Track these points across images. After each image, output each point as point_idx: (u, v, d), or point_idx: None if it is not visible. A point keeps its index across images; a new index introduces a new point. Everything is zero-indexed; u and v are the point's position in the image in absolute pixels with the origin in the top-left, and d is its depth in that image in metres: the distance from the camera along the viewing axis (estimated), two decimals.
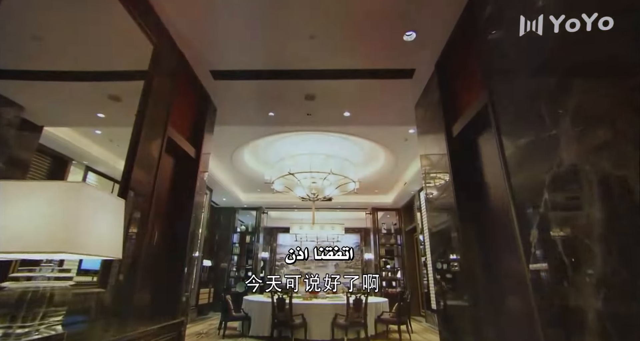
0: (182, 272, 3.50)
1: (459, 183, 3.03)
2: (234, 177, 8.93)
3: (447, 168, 3.16)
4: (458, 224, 2.92)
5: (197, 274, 8.03)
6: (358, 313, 5.21)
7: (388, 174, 8.60)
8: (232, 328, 6.63)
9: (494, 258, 2.72)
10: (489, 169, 2.87)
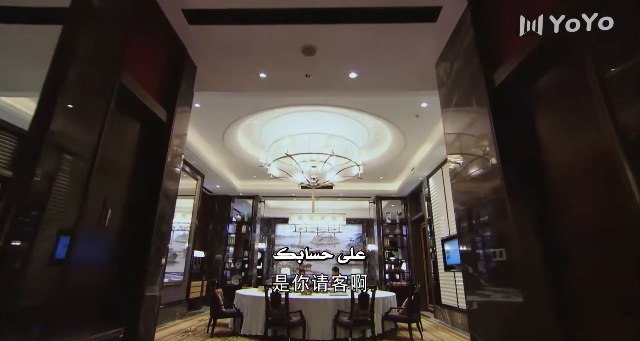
0: (145, 263, 2.75)
1: (507, 148, 2.27)
2: (227, 161, 8.16)
3: (487, 129, 2.40)
4: (507, 203, 2.15)
5: (188, 266, 7.32)
6: (364, 310, 4.50)
7: (394, 159, 7.83)
8: (223, 324, 5.93)
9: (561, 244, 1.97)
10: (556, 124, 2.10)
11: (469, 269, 2.78)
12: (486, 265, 2.47)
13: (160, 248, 3.07)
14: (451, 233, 6.49)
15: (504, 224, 2.20)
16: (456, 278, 6.25)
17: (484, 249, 2.51)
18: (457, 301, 6.12)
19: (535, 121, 2.25)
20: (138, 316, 2.57)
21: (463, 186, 2.90)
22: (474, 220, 2.71)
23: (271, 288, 4.52)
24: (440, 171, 7.13)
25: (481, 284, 2.53)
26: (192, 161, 7.19)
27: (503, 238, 2.22)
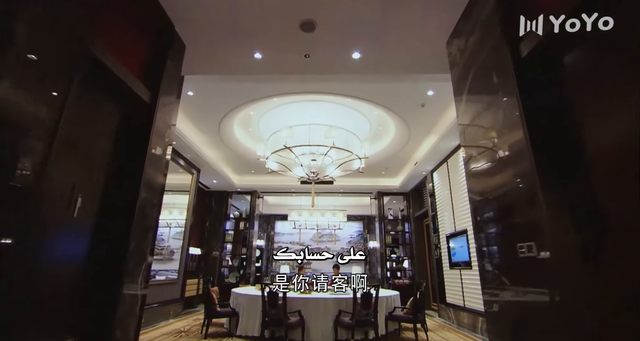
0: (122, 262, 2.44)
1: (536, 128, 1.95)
2: (224, 155, 7.85)
3: (513, 106, 2.08)
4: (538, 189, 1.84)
5: (183, 263, 7.02)
6: (367, 310, 4.20)
7: (397, 153, 7.52)
8: (219, 324, 5.64)
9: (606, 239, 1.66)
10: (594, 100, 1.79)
11: (487, 266, 2.48)
12: (509, 261, 2.16)
13: (143, 244, 2.76)
14: (457, 229, 6.19)
15: (533, 214, 1.90)
16: (462, 276, 5.96)
17: (507, 243, 2.20)
18: (464, 300, 5.83)
19: (568, 97, 1.94)
20: (112, 319, 2.27)
21: (481, 172, 2.58)
22: (493, 211, 2.40)
23: (268, 286, 4.21)
24: (445, 164, 6.81)
25: (503, 283, 2.22)
26: (187, 155, 6.88)
27: (532, 230, 1.91)
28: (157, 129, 2.87)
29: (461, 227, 6.00)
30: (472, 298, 5.47)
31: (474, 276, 5.46)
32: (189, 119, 5.97)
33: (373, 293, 4.25)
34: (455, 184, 6.27)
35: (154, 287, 5.78)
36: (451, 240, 6.49)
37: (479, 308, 5.17)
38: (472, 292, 5.51)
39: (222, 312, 4.98)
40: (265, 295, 4.22)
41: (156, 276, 6.68)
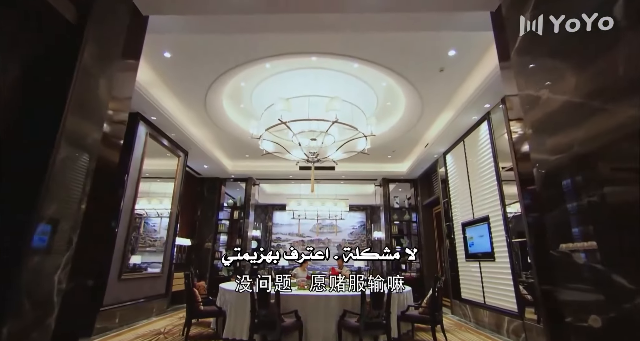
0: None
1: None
2: (215, 136, 7.05)
3: None
4: None
5: (168, 255, 6.28)
6: (378, 310, 3.45)
7: (406, 133, 6.72)
8: (205, 324, 4.92)
9: None
10: None
11: (579, 256, 1.69)
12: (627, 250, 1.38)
13: (65, 228, 1.96)
14: (476, 216, 5.43)
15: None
16: (482, 269, 5.21)
17: (622, 220, 1.42)
18: (484, 296, 5.09)
19: None
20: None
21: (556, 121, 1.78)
22: (580, 176, 1.61)
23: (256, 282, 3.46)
24: (461, 144, 6.02)
25: (614, 283, 1.44)
26: (171, 134, 6.08)
27: None
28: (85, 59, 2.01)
29: (481, 214, 5.24)
30: (496, 294, 4.73)
31: (497, 269, 4.72)
32: (169, 89, 5.16)
33: (385, 290, 3.50)
34: (474, 165, 5.49)
35: (132, 282, 5.04)
36: (468, 229, 5.74)
37: (506, 307, 4.43)
38: (495, 287, 4.76)
39: (206, 311, 4.25)
40: (253, 292, 3.46)
41: (148, 268, 5.96)
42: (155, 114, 5.23)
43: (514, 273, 4.28)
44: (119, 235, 4.67)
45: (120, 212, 4.70)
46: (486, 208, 5.09)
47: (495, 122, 4.86)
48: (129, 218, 4.95)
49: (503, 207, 4.57)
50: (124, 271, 4.80)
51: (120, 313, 4.67)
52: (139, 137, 5.18)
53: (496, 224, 4.78)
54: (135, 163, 5.11)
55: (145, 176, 6.69)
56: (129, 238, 4.89)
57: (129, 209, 4.94)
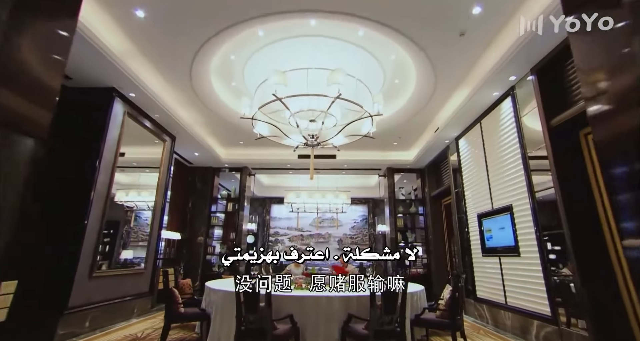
0: None
1: None
2: (205, 119, 6.41)
3: None
4: None
5: (153, 250, 5.67)
6: (390, 314, 2.84)
7: (415, 115, 6.08)
8: (191, 327, 4.32)
9: None
10: None
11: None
12: None
13: None
14: (495, 206, 4.81)
15: None
16: (503, 265, 4.60)
17: None
18: (505, 296, 4.49)
19: None
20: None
21: None
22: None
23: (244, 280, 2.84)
24: (477, 127, 5.38)
25: None
26: (154, 114, 5.44)
27: None
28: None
29: (502, 203, 4.62)
30: (521, 294, 4.12)
31: (523, 265, 4.10)
32: (149, 62, 4.51)
33: (399, 290, 2.88)
34: (494, 149, 4.85)
35: (107, 279, 4.44)
36: (485, 221, 5.12)
37: (535, 309, 3.82)
38: (520, 286, 4.16)
39: (187, 314, 3.63)
40: (240, 293, 2.85)
41: (141, 263, 5.37)
42: (133, 90, 4.58)
43: (546, 271, 3.67)
44: (89, 227, 4.05)
45: (91, 202, 4.07)
46: (509, 197, 4.47)
47: (521, 97, 4.21)
48: (103, 208, 4.33)
49: (531, 195, 3.94)
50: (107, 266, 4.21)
51: (91, 316, 4.07)
52: (115, 116, 4.54)
53: (521, 214, 4.16)
54: (111, 146, 4.47)
55: (133, 166, 6.12)
56: (102, 230, 4.27)
57: (101, 198, 4.32)
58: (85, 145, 4.23)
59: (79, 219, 3.97)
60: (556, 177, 3.42)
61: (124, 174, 6.09)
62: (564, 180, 3.37)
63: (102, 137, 4.29)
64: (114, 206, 5.46)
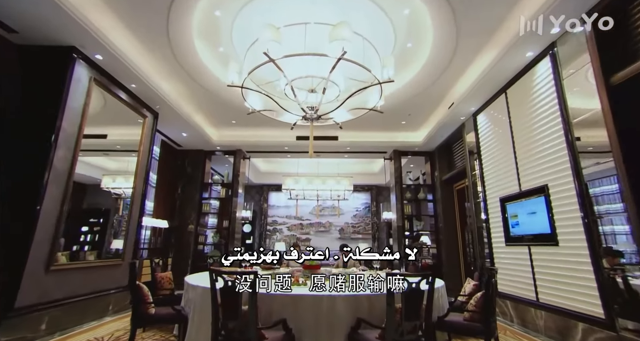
0: None
1: None
2: (191, 93, 5.65)
3: None
4: None
5: (132, 239, 4.99)
6: (413, 321, 2.16)
7: (428, 87, 5.33)
8: (169, 328, 3.66)
9: None
10: None
11: None
12: None
13: None
14: (524, 188, 4.11)
15: None
16: (533, 256, 3.93)
17: None
18: (536, 291, 3.83)
19: None
20: None
21: None
22: None
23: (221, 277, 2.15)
24: (502, 98, 4.63)
25: None
26: (130, 84, 4.68)
27: None
28: None
29: (533, 184, 3.91)
30: (559, 290, 3.45)
31: (563, 256, 3.43)
32: (116, 16, 3.74)
33: (424, 289, 2.20)
34: (523, 121, 4.12)
35: (70, 273, 3.77)
36: (510, 205, 4.42)
37: (581, 309, 3.15)
38: (558, 281, 3.48)
39: (158, 316, 2.96)
40: (216, 291, 2.17)
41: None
42: (99, 50, 3.82)
43: (597, 263, 2.98)
44: (44, 213, 3.35)
45: (45, 183, 3.36)
46: (542, 177, 3.76)
47: (563, 56, 3.46)
48: (64, 190, 3.62)
49: (576, 173, 3.23)
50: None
51: (50, 316, 3.41)
52: (77, 82, 3.79)
53: (561, 196, 3.46)
54: (72, 117, 3.74)
55: (117, 149, 5.41)
56: (63, 216, 3.58)
57: (63, 176, 3.61)
58: (39, 115, 3.50)
59: (30, 203, 3.27)
60: (619, 152, 2.70)
61: (111, 160, 5.41)
62: (631, 155, 2.65)
63: (60, 106, 3.55)
64: (100, 193, 4.83)
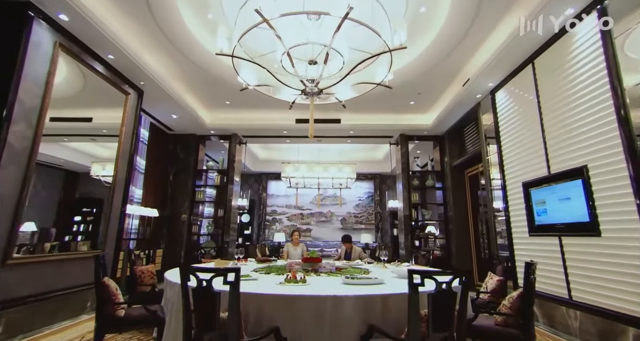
0: None
1: None
2: (179, 68, 5.08)
3: None
4: None
5: (115, 230, 4.49)
6: (443, 332, 1.66)
7: (440, 62, 4.76)
8: (147, 332, 3.18)
9: None
10: None
11: None
12: None
13: None
14: (555, 170, 3.57)
15: None
16: (565, 248, 3.42)
17: None
18: (568, 288, 3.32)
19: None
20: None
21: None
22: None
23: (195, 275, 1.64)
24: (528, 70, 4.05)
25: None
26: (107, 54, 4.11)
27: None
28: None
29: (567, 165, 3.37)
30: (600, 288, 2.94)
31: (604, 249, 2.91)
32: None
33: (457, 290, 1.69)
34: (556, 95, 3.55)
35: (37, 267, 3.28)
36: (536, 191, 3.89)
37: (627, 310, 2.65)
38: (598, 277, 2.97)
39: (130, 319, 2.46)
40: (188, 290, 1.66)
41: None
42: (63, 9, 3.25)
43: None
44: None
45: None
46: (579, 157, 3.22)
47: (614, 11, 2.87)
48: (25, 170, 3.10)
49: (630, 151, 2.68)
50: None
51: (8, 318, 2.93)
52: (37, 46, 3.22)
53: (605, 179, 2.92)
54: (32, 87, 3.19)
55: (103, 134, 4.88)
56: (23, 199, 3.06)
57: (22, 156, 3.08)
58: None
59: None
60: None
61: (101, 146, 4.91)
62: None
63: (14, 74, 2.99)
64: (93, 181, 4.42)
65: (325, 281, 2.69)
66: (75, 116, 4.49)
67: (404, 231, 6.61)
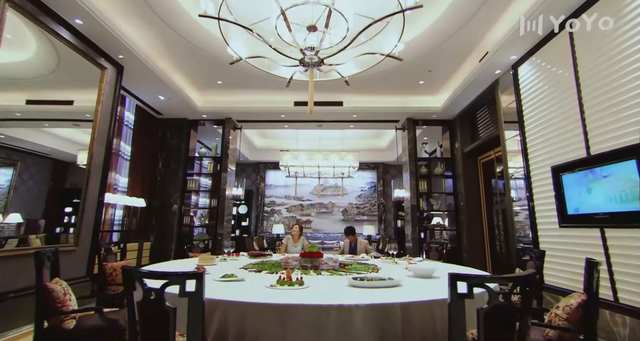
0: None
1: None
2: (163, 42, 4.49)
3: None
4: None
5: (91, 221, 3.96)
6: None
7: (456, 33, 4.18)
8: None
9: None
10: None
11: None
12: None
13: None
14: (595, 151, 3.02)
15: None
16: (609, 242, 2.89)
17: None
18: (613, 288, 2.81)
19: None
20: None
21: None
22: None
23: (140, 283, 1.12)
24: (564, 35, 3.46)
25: None
26: (74, 18, 3.52)
27: None
28: None
29: (615, 144, 2.82)
30: None
31: None
32: None
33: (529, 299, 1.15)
34: (603, 57, 2.97)
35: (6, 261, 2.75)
36: (568, 176, 3.34)
37: None
38: None
39: (81, 331, 1.94)
40: (130, 305, 1.13)
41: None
42: None
43: None
44: None
45: None
46: (630, 134, 2.67)
47: None
48: None
49: None
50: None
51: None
52: None
53: None
54: None
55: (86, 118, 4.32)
56: None
57: None
58: None
59: None
60: None
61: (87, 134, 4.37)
62: None
63: None
64: (81, 171, 3.96)
65: (327, 282, 2.17)
66: (54, 99, 3.98)
67: (411, 223, 6.09)
